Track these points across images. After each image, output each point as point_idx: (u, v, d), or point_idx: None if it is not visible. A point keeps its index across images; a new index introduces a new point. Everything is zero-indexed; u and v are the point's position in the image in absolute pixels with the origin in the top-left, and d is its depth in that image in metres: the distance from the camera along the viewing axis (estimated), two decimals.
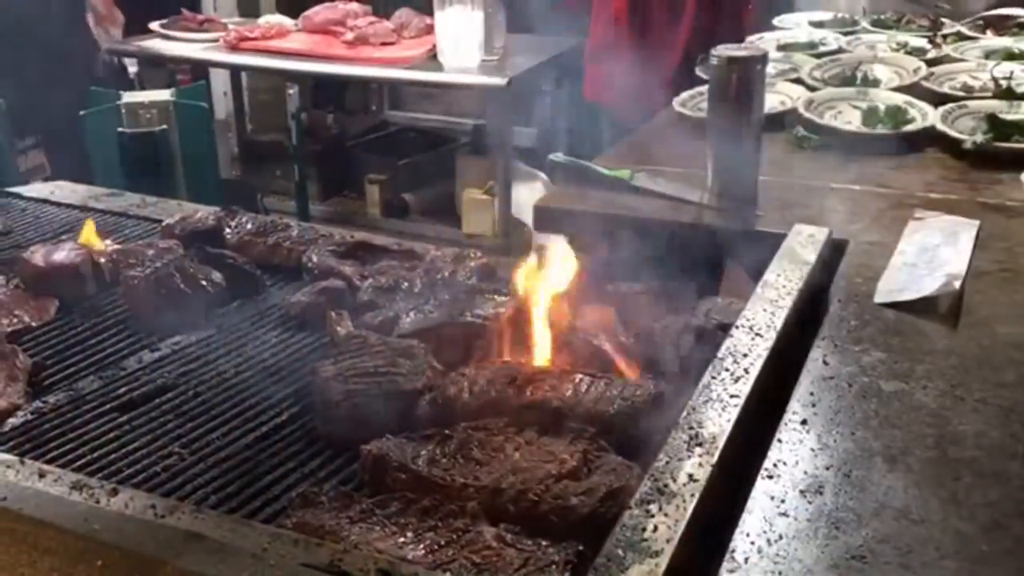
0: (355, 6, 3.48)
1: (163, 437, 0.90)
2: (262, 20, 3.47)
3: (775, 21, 2.70)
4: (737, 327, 0.92)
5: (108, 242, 1.36)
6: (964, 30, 2.47)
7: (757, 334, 0.90)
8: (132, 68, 4.03)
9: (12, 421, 0.92)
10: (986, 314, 1.08)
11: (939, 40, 2.32)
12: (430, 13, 3.14)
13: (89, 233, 1.32)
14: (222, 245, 1.33)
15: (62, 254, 1.23)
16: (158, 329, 1.13)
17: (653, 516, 0.66)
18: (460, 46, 3.04)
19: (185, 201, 1.86)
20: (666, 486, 0.69)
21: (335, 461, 0.88)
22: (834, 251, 1.22)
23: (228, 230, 1.38)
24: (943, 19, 2.54)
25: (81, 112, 2.71)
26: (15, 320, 1.12)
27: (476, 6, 3.00)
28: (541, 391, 0.86)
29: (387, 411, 0.90)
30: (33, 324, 1.13)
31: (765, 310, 0.95)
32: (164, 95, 2.83)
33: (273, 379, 1.01)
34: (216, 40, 3.33)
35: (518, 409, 0.85)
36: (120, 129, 2.61)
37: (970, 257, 1.21)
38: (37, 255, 1.22)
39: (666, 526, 0.66)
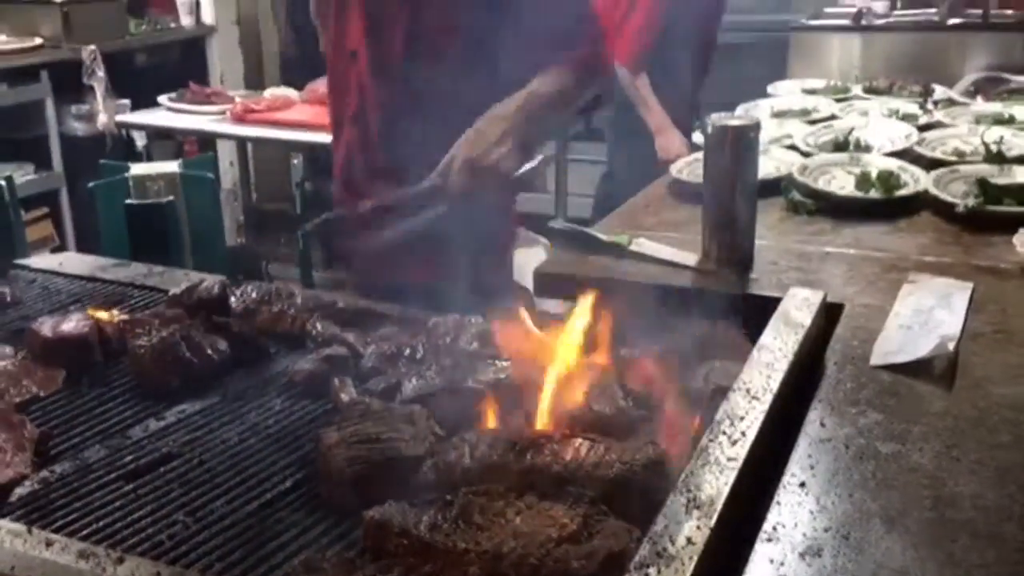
0: None
1: (168, 505, 0.91)
2: (267, 92, 3.56)
3: (769, 88, 2.77)
4: (734, 390, 0.93)
5: (115, 312, 1.39)
6: (955, 96, 2.53)
7: (754, 397, 0.92)
8: (140, 141, 4.12)
9: (19, 491, 0.93)
10: (981, 375, 1.09)
11: (930, 106, 2.37)
12: None
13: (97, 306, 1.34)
14: (227, 314, 1.35)
15: (70, 325, 1.25)
16: (164, 397, 1.15)
17: None
18: None
19: (192, 270, 1.89)
20: (664, 549, 0.70)
21: (338, 527, 0.89)
22: (830, 314, 1.23)
23: (233, 299, 1.40)
24: (933, 85, 2.60)
25: (90, 184, 2.77)
26: (23, 390, 1.13)
27: None
28: (542, 456, 0.87)
29: (389, 477, 0.91)
30: (41, 394, 1.15)
31: (761, 373, 0.96)
32: (172, 166, 2.90)
33: (277, 446, 1.03)
34: (223, 112, 3.41)
35: (519, 474, 0.86)
36: (128, 201, 2.65)
37: (964, 319, 1.22)
38: (45, 326, 1.24)
39: None
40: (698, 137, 2.28)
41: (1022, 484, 0.88)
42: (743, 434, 0.85)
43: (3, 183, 2.51)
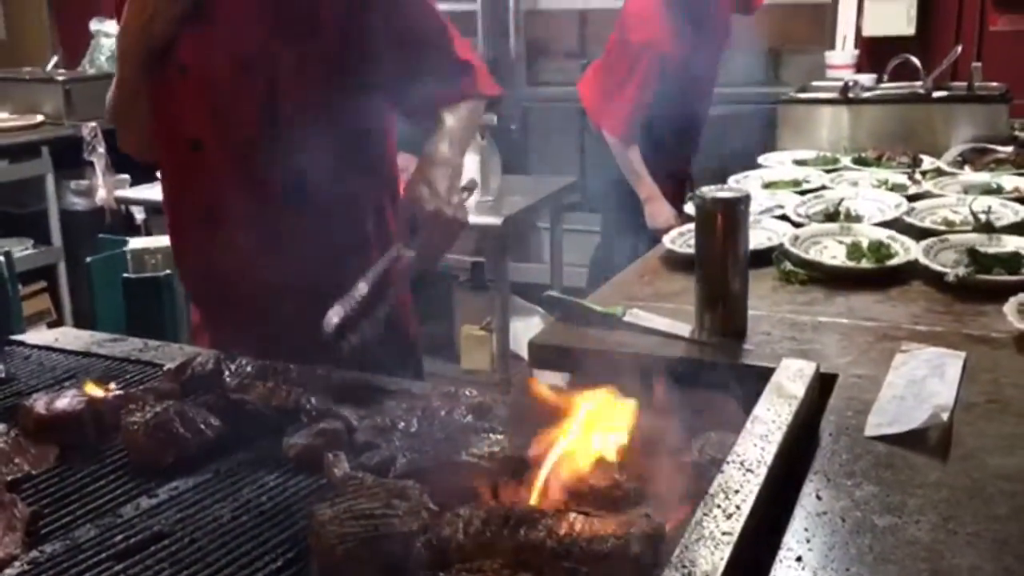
0: None
1: None
2: None
3: (760, 159, 2.81)
4: (728, 463, 0.93)
5: (112, 385, 1.38)
6: (943, 166, 2.57)
7: (748, 470, 0.91)
8: (139, 215, 4.16)
9: (9, 572, 0.91)
10: (975, 446, 1.09)
11: (918, 177, 2.41)
12: None
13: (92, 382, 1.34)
14: (222, 389, 1.35)
15: (64, 402, 1.25)
16: (157, 474, 1.14)
17: None
18: None
19: (187, 344, 1.89)
20: None
21: None
22: (824, 385, 1.24)
23: (228, 373, 1.40)
24: (921, 156, 2.64)
25: (88, 259, 2.79)
26: (15, 468, 1.13)
27: (472, 151, 3.12)
28: (536, 531, 0.86)
29: (382, 553, 0.90)
30: (33, 472, 1.14)
31: (755, 445, 0.96)
32: (168, 241, 2.91)
33: (270, 524, 1.02)
34: None
35: (513, 550, 0.85)
36: (125, 275, 2.67)
37: (957, 389, 1.23)
38: (39, 403, 1.24)
39: None
40: (690, 208, 2.30)
41: (1019, 555, 0.87)
42: (738, 508, 0.84)
43: (2, 259, 2.53)
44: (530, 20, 4.94)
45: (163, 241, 2.98)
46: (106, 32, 5.16)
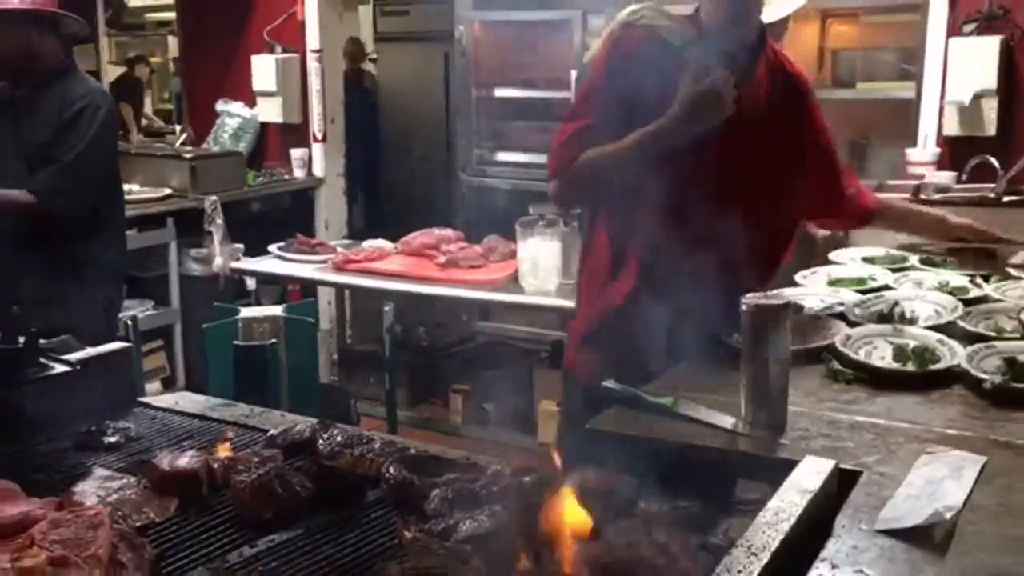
0: (449, 232, 3.88)
1: None
2: (366, 244, 3.89)
3: (831, 255, 2.92)
4: (737, 546, 1.08)
5: (227, 445, 1.61)
6: (1012, 270, 2.63)
7: (753, 554, 1.06)
8: (251, 284, 4.50)
9: None
10: (974, 544, 1.20)
11: (979, 281, 2.49)
12: (515, 240, 3.49)
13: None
14: (315, 454, 1.56)
15: (184, 460, 1.47)
16: (257, 528, 1.34)
17: None
18: (539, 270, 3.35)
19: (288, 408, 2.12)
20: None
21: None
22: (847, 480, 1.37)
23: (321, 441, 1.61)
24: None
25: (204, 326, 3.09)
26: (143, 516, 1.35)
27: (555, 236, 3.33)
28: None
29: None
30: (156, 520, 1.36)
31: (763, 532, 1.11)
32: (276, 311, 3.21)
33: (336, 571, 1.21)
34: (326, 261, 3.74)
35: None
36: (236, 342, 2.95)
37: (970, 491, 1.34)
38: (164, 460, 1.47)
39: None
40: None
41: None
42: None
43: (129, 322, 2.84)
44: None
45: (271, 311, 3.28)
46: (230, 112, 5.63)
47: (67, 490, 1.40)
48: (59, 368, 1.73)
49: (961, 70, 3.79)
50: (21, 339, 1.74)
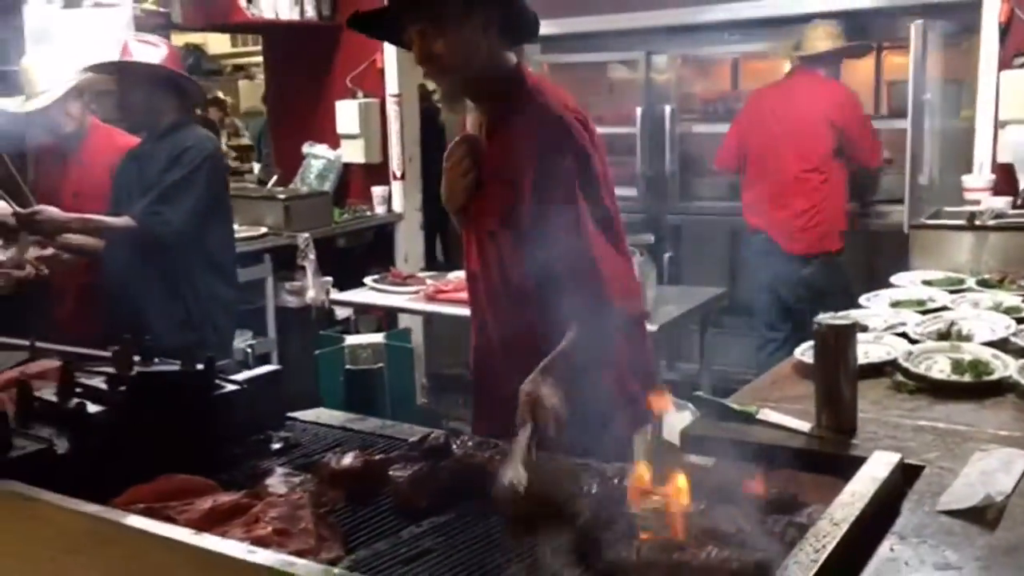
0: None
1: None
2: (452, 275, 4.20)
3: (892, 279, 3.15)
4: (821, 519, 1.34)
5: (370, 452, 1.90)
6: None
7: (835, 524, 1.32)
8: (340, 313, 4.84)
9: (341, 565, 1.40)
10: (1021, 521, 1.44)
11: None
12: None
13: None
14: (452, 456, 1.84)
15: (348, 460, 1.77)
16: (415, 513, 1.63)
17: None
18: None
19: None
20: None
21: None
22: (911, 473, 1.61)
23: (455, 445, 1.90)
24: None
25: (316, 352, 3.41)
26: (325, 504, 1.64)
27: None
28: (685, 555, 1.29)
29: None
30: (334, 508, 1.66)
31: (842, 510, 1.36)
32: (378, 338, 3.52)
33: (496, 547, 1.48)
34: (417, 292, 4.06)
35: (670, 567, 1.28)
36: (347, 366, 3.27)
37: (1018, 480, 1.58)
38: (332, 461, 1.77)
39: None
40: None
41: None
42: (823, 546, 1.25)
43: (249, 350, 3.18)
44: (684, 141, 5.43)
45: (373, 338, 3.59)
46: (315, 155, 6.02)
47: (260, 484, 1.70)
48: (230, 387, 2.05)
49: (1013, 101, 3.98)
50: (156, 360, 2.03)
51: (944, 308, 2.73)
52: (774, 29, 4.67)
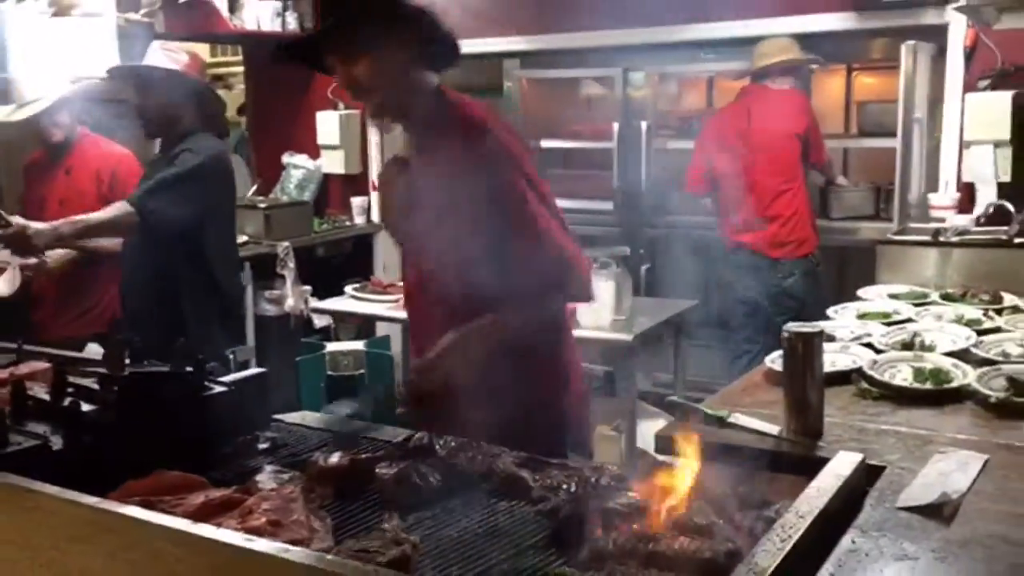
0: None
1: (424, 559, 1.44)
2: None
3: (859, 292, 3.26)
4: (787, 512, 1.42)
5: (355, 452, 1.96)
6: (1021, 304, 2.96)
7: (800, 516, 1.40)
8: (319, 322, 4.88)
9: (328, 555, 1.47)
10: (975, 517, 1.53)
11: (992, 314, 2.82)
12: None
13: None
14: (436, 456, 1.91)
15: (335, 459, 1.83)
16: (401, 508, 1.69)
17: None
18: (594, 308, 3.70)
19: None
20: None
21: None
22: (873, 473, 1.70)
23: (438, 446, 1.96)
24: (1002, 294, 3.04)
25: (297, 359, 3.47)
26: (315, 500, 1.70)
27: (608, 276, 3.69)
28: (660, 545, 1.37)
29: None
30: (323, 503, 1.72)
31: (807, 504, 1.45)
32: (358, 345, 3.58)
33: (481, 539, 1.55)
34: (397, 300, 4.11)
35: (647, 556, 1.36)
36: (329, 372, 3.32)
37: (974, 480, 1.67)
38: (320, 459, 1.82)
39: None
40: None
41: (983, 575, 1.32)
42: (789, 536, 1.33)
43: (231, 355, 3.22)
44: (660, 156, 5.54)
45: (354, 346, 3.65)
46: (295, 164, 6.07)
47: (250, 480, 1.75)
48: (218, 388, 2.10)
49: (977, 122, 4.12)
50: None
51: (908, 320, 2.83)
52: (748, 48, 4.79)
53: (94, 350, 2.77)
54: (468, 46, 2.23)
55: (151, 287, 3.17)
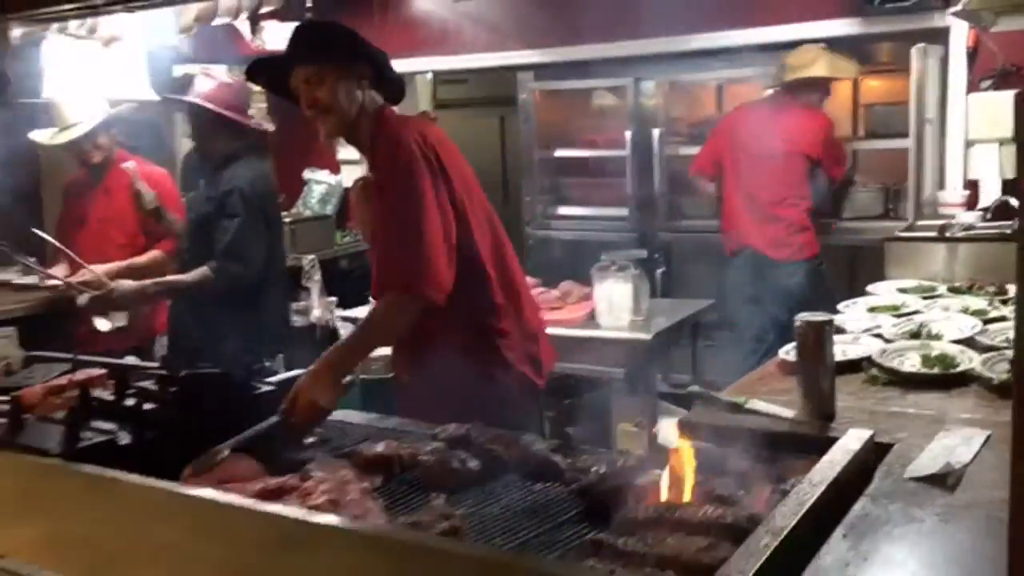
0: (529, 279, 4.37)
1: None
2: None
3: (868, 288, 3.38)
4: (801, 481, 1.55)
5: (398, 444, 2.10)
6: None
7: (814, 485, 1.53)
8: (344, 330, 5.01)
9: (380, 529, 1.60)
10: (977, 485, 1.65)
11: (997, 304, 2.93)
12: (587, 284, 3.98)
13: None
14: (473, 445, 2.05)
15: (380, 448, 1.97)
16: (444, 491, 1.83)
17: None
18: (614, 309, 3.83)
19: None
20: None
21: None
22: (883, 449, 1.82)
23: (473, 436, 2.10)
24: (1007, 286, 3.15)
25: None
26: (367, 484, 1.84)
27: (626, 279, 3.82)
28: (688, 512, 1.50)
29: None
30: (374, 487, 1.85)
31: (821, 473, 1.57)
32: (387, 350, 3.70)
33: (521, 515, 1.69)
34: None
35: (676, 521, 1.49)
36: (363, 376, 3.46)
37: (976, 453, 1.79)
38: (367, 450, 1.97)
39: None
40: None
41: (983, 534, 1.44)
42: (804, 502, 1.46)
43: (268, 365, 3.38)
44: (672, 163, 5.66)
45: (382, 350, 3.77)
46: (317, 180, 6.23)
47: (304, 469, 1.89)
48: (265, 388, 2.25)
49: (980, 121, 4.24)
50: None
51: (917, 312, 2.95)
52: (757, 55, 4.92)
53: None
54: (483, 60, 2.45)
55: (202, 310, 3.34)
